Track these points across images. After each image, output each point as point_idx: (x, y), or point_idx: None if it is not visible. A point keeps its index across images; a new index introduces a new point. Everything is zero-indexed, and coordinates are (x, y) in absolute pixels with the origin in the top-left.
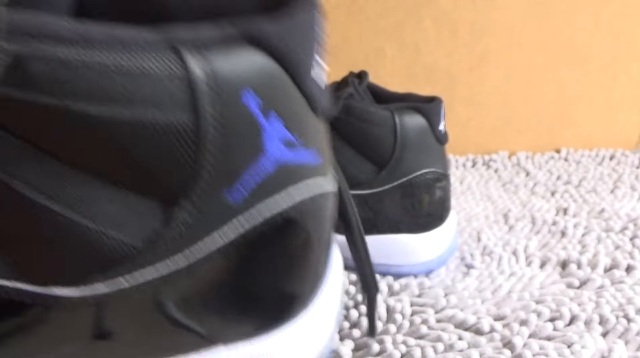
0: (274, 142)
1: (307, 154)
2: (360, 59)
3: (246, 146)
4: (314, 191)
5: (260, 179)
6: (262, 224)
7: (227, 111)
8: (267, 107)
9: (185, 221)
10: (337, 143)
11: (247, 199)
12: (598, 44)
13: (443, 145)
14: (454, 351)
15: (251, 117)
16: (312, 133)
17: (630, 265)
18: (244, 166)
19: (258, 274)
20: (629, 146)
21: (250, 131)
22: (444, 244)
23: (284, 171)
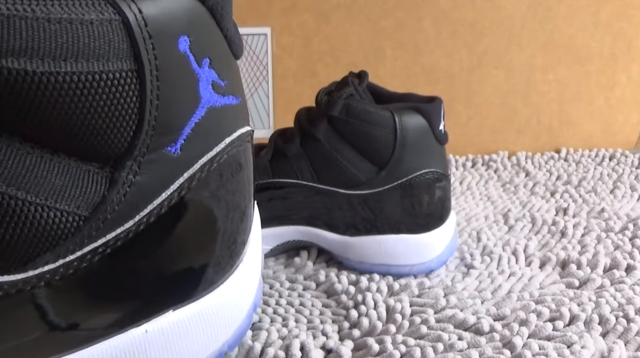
0: (206, 88)
1: (231, 97)
2: (360, 59)
3: (185, 97)
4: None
5: (194, 124)
6: (199, 170)
7: (165, 59)
8: (201, 55)
9: (131, 181)
10: (337, 143)
11: (184, 148)
12: (598, 44)
13: (443, 145)
14: (454, 351)
15: (188, 65)
16: (234, 76)
17: (630, 265)
18: (186, 118)
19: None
20: (629, 146)
21: (188, 81)
22: (444, 244)
23: (213, 114)
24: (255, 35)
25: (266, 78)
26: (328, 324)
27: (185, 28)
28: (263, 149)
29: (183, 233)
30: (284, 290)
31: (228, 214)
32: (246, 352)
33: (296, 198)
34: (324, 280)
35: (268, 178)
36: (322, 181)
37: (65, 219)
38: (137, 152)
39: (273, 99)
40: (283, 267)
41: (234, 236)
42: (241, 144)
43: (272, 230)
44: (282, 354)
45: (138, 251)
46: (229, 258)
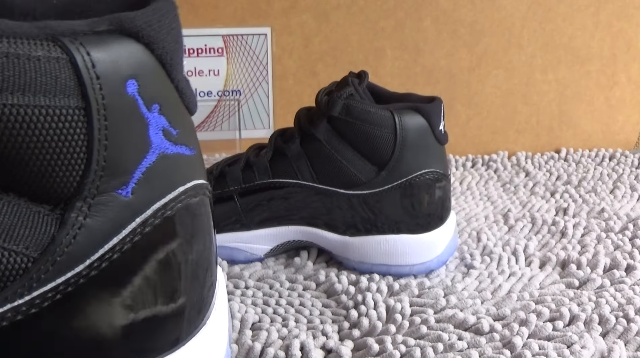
0: (157, 134)
1: (184, 147)
2: (360, 59)
3: (134, 139)
4: (193, 181)
5: (145, 169)
6: (152, 216)
7: (112, 100)
8: (150, 100)
9: (81, 223)
10: (337, 143)
11: (136, 192)
12: (598, 44)
13: (443, 145)
14: (454, 351)
15: (137, 109)
16: (187, 127)
17: (630, 265)
18: (136, 161)
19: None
20: (629, 146)
21: (137, 124)
22: (444, 244)
23: (165, 161)
24: (255, 35)
25: (266, 78)
26: (328, 324)
27: (133, 72)
28: (263, 149)
29: (137, 280)
30: (284, 290)
31: (188, 265)
32: (246, 352)
33: (296, 198)
34: (324, 280)
35: (268, 178)
36: (322, 181)
37: (13, 259)
38: (86, 193)
39: (273, 99)
40: (283, 267)
41: (198, 290)
42: (196, 195)
43: (272, 230)
44: (282, 354)
45: (90, 298)
46: (196, 313)
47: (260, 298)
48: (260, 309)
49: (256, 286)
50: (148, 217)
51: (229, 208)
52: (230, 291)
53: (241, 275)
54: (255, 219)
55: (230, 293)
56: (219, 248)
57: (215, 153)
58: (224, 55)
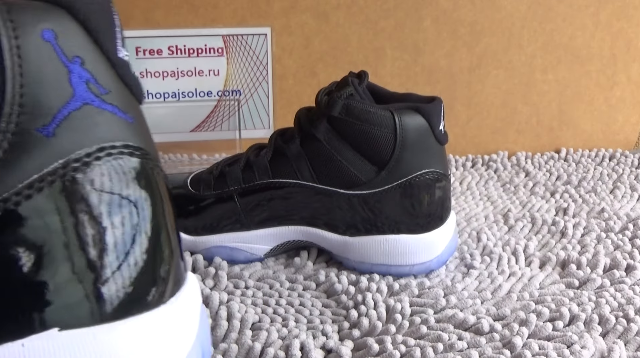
0: (79, 84)
1: (117, 109)
2: (360, 59)
3: (54, 83)
4: (131, 143)
5: (68, 113)
6: (76, 161)
7: (26, 41)
8: (70, 52)
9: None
10: (337, 143)
11: (58, 134)
12: (598, 44)
13: (443, 145)
14: (454, 351)
15: (54, 55)
16: (126, 100)
17: (630, 265)
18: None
19: None
20: (629, 146)
21: (55, 68)
22: (444, 244)
23: (91, 112)
24: (255, 35)
25: (266, 78)
26: (328, 324)
27: (50, 25)
28: (263, 149)
29: (61, 227)
30: (284, 290)
31: (114, 226)
32: (246, 352)
33: (296, 198)
34: (324, 280)
35: (268, 178)
36: (322, 181)
37: None
38: (5, 126)
39: (273, 99)
40: (283, 267)
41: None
42: (132, 155)
43: (272, 230)
44: (282, 354)
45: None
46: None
47: (260, 298)
48: (260, 309)
49: (256, 286)
50: (70, 160)
51: (229, 208)
52: (230, 291)
53: (241, 275)
54: (255, 220)
55: (230, 293)
56: (219, 248)
57: (215, 153)
58: (224, 55)
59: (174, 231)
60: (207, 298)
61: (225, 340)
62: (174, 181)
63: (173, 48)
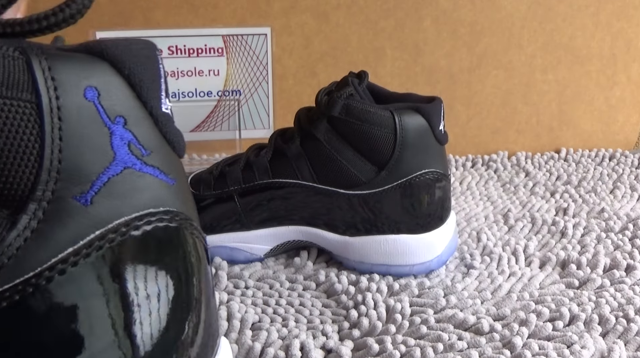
0: (121, 147)
1: (158, 171)
2: (360, 59)
3: (94, 147)
4: (170, 208)
5: (107, 179)
6: (114, 231)
7: (67, 101)
8: (112, 112)
9: (34, 228)
10: (337, 143)
11: (96, 202)
12: (598, 44)
13: (443, 145)
14: (454, 351)
15: (96, 116)
16: (168, 158)
17: (630, 265)
18: (96, 170)
19: None
20: (629, 146)
21: (97, 131)
22: (444, 244)
23: (132, 177)
24: (255, 35)
25: (266, 78)
26: (328, 324)
27: (93, 82)
28: (263, 149)
29: (88, 300)
30: (284, 290)
31: (151, 297)
32: (246, 352)
33: (296, 198)
34: (324, 280)
35: (268, 178)
36: (322, 181)
37: None
38: (40, 195)
39: (273, 99)
40: (283, 267)
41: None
42: (171, 221)
43: (272, 230)
44: (282, 354)
45: (37, 310)
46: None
47: (260, 298)
48: (260, 309)
49: (256, 286)
50: (108, 231)
51: (229, 208)
52: (230, 291)
53: (241, 275)
54: (255, 220)
55: (230, 293)
56: (219, 248)
57: (215, 153)
58: (224, 55)
59: (210, 298)
60: None
61: None
62: None
63: (173, 48)
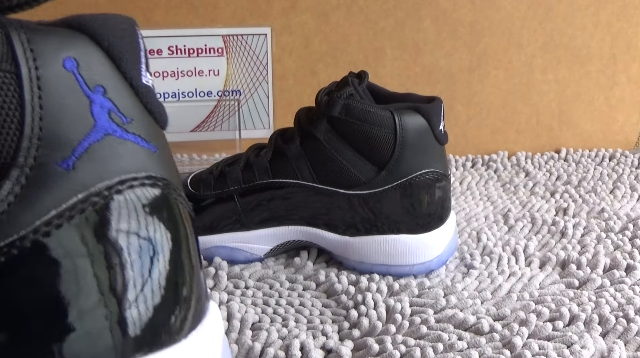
0: (101, 114)
1: (140, 138)
2: (360, 59)
3: (75, 114)
4: (152, 173)
5: (88, 145)
6: (96, 195)
7: (47, 71)
8: (92, 81)
9: (17, 193)
10: (337, 143)
11: (78, 167)
12: (598, 44)
13: (443, 145)
14: (454, 351)
15: (76, 85)
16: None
17: (630, 265)
18: (77, 136)
19: None
20: (629, 146)
21: (77, 99)
22: (444, 244)
23: (112, 143)
24: (255, 35)
25: (266, 78)
26: (328, 324)
27: (72, 53)
28: (263, 149)
29: (73, 262)
30: (284, 290)
31: (133, 260)
32: (246, 352)
33: (296, 198)
34: (324, 280)
35: (268, 178)
36: (322, 181)
37: None
38: (22, 161)
39: (273, 99)
40: (283, 267)
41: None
42: (154, 186)
43: (272, 230)
44: (282, 354)
45: (25, 272)
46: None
47: (260, 298)
48: (260, 309)
49: (256, 286)
50: (91, 194)
51: (229, 208)
52: (230, 291)
53: (241, 275)
54: (255, 220)
55: (230, 293)
56: (219, 248)
57: (215, 153)
58: (223, 55)
59: (197, 263)
60: None
61: None
62: None
63: (173, 48)
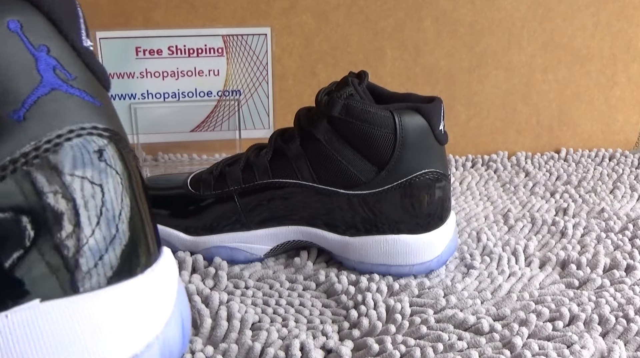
0: (47, 71)
1: (85, 93)
2: (360, 59)
3: (22, 70)
4: (98, 124)
5: (36, 98)
6: (47, 142)
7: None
8: (36, 41)
9: None
10: (337, 143)
11: (28, 118)
12: (598, 44)
13: (443, 145)
14: (454, 351)
15: (21, 44)
16: (93, 86)
17: (630, 265)
18: (26, 90)
19: None
20: (629, 146)
21: (23, 57)
22: (444, 244)
23: (59, 97)
24: (255, 35)
25: (266, 78)
26: (328, 324)
27: (15, 16)
28: (263, 149)
29: (36, 206)
30: (284, 290)
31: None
32: (246, 352)
33: (296, 198)
34: (324, 280)
35: (268, 178)
36: (322, 181)
37: None
38: None
39: (273, 99)
40: (283, 267)
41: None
42: (101, 136)
43: (272, 230)
44: (282, 354)
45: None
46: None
47: (260, 298)
48: (260, 309)
49: (256, 286)
50: (42, 142)
51: (229, 208)
52: (230, 291)
53: (241, 275)
54: (255, 220)
55: (230, 293)
56: (219, 248)
57: (215, 153)
58: (223, 55)
59: (145, 206)
60: (207, 299)
61: (225, 340)
62: (174, 181)
63: (173, 48)
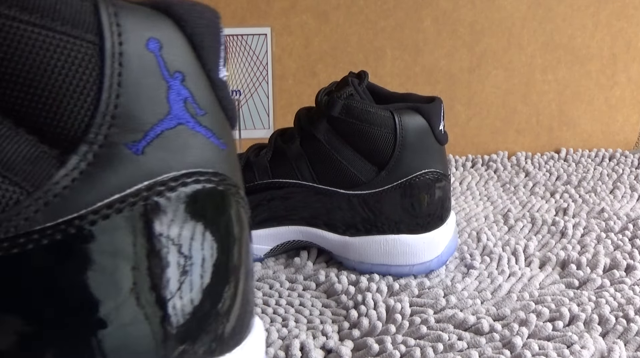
0: (177, 102)
1: (211, 133)
2: (360, 59)
3: (151, 97)
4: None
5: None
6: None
7: (130, 47)
8: (172, 66)
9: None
10: (337, 143)
11: (147, 153)
12: (598, 44)
13: (443, 145)
14: (454, 351)
15: (156, 67)
16: (221, 124)
17: (630, 265)
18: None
19: None
20: (629, 146)
21: (155, 82)
22: (444, 244)
23: (184, 134)
24: (255, 35)
25: (266, 78)
26: (328, 324)
27: (157, 35)
28: (263, 149)
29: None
30: (284, 290)
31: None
32: None
33: (296, 198)
34: (324, 280)
35: (268, 178)
36: (322, 181)
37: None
38: (93, 137)
39: (273, 99)
40: (283, 267)
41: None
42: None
43: (272, 230)
44: (282, 354)
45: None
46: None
47: (260, 298)
48: (260, 309)
49: (256, 286)
50: (156, 183)
51: None
52: None
53: None
54: (255, 220)
55: None
56: None
57: None
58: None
59: (250, 270)
60: None
61: None
62: None
63: None
